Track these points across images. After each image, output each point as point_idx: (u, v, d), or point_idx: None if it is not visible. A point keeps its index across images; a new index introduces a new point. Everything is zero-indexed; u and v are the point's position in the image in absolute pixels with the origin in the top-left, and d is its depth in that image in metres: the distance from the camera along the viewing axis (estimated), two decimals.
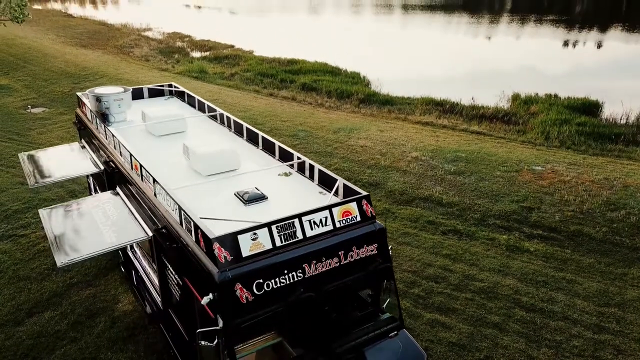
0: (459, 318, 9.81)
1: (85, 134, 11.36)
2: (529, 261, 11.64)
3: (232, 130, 10.27)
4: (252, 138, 9.62)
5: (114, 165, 9.18)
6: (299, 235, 6.25)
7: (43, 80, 27.34)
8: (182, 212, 6.50)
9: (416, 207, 13.98)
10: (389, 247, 7.08)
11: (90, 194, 11.95)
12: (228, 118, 10.32)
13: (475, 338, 9.27)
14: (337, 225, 6.55)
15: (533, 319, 9.78)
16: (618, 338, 9.32)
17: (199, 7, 78.90)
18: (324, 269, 6.30)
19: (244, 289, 5.76)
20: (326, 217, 6.49)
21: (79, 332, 9.32)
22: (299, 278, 6.11)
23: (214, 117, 10.95)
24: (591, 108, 23.30)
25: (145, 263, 8.83)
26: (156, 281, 8.13)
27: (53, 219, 7.88)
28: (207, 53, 37.24)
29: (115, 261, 11.28)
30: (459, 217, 13.45)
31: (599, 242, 12.27)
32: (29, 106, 22.99)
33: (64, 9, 68.62)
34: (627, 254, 11.85)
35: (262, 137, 9.23)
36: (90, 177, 11.59)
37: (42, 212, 8.19)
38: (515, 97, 25.00)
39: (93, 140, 10.64)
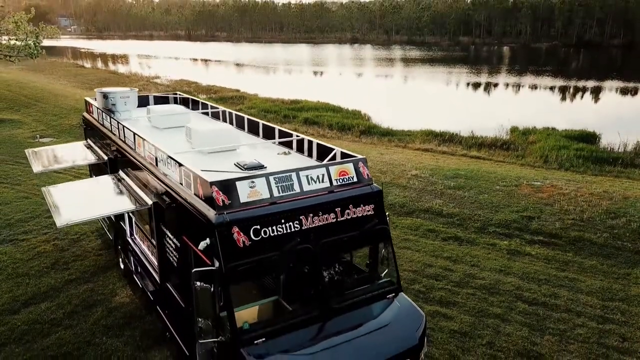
0: (460, 310, 9.65)
1: (90, 134, 11.67)
2: (530, 263, 11.55)
3: (235, 126, 10.56)
4: (254, 130, 9.88)
5: (117, 152, 9.40)
6: (296, 189, 6.36)
7: (52, 115, 28.12)
8: (182, 169, 6.65)
9: (416, 218, 14.00)
10: (387, 214, 7.17)
11: None
12: (230, 114, 10.64)
13: (477, 327, 9.09)
14: (334, 183, 6.66)
15: (536, 311, 9.61)
16: (623, 327, 9.12)
17: (206, 61, 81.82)
18: (320, 223, 6.36)
19: (241, 233, 5.82)
20: (323, 175, 6.62)
21: (75, 320, 9.20)
22: (295, 229, 6.17)
23: (216, 116, 11.27)
24: (589, 138, 23.71)
25: (144, 247, 8.86)
26: (155, 261, 8.15)
27: (55, 193, 8.02)
28: (213, 95, 38.32)
29: (115, 260, 11.27)
30: (459, 226, 13.45)
31: (601, 247, 12.19)
32: (38, 136, 23.55)
33: (77, 61, 71.29)
34: (630, 257, 11.75)
35: (263, 125, 9.50)
36: (93, 175, 11.78)
37: (44, 189, 8.34)
38: (514, 130, 25.49)
39: (98, 136, 10.92)
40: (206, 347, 7.03)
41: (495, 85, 51.51)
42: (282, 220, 6.10)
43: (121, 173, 9.24)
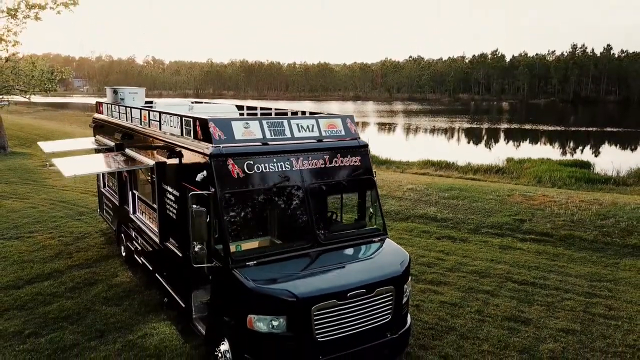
0: (451, 288, 9.89)
1: (98, 131, 12.35)
2: (521, 254, 11.83)
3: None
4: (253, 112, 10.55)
5: (123, 134, 10.03)
6: (287, 134, 6.94)
7: None
8: (183, 119, 7.24)
9: (411, 222, 14.37)
10: (374, 172, 7.71)
11: (99, 184, 12.65)
12: (232, 105, 11.36)
13: (467, 299, 9.31)
14: (323, 134, 7.23)
15: (525, 289, 9.83)
16: (610, 300, 9.32)
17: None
18: (309, 167, 6.87)
19: (236, 166, 6.33)
20: (313, 125, 7.20)
21: (76, 293, 9.49)
22: (286, 168, 6.67)
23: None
24: (582, 165, 24.29)
25: (146, 219, 9.31)
26: (156, 227, 8.58)
27: (65, 160, 8.58)
28: None
29: (117, 251, 11.65)
30: (453, 228, 13.79)
31: (591, 242, 12.48)
32: (47, 163, 24.32)
33: (87, 112, 73.71)
34: (619, 250, 12.02)
35: (260, 107, 10.18)
36: None
37: (55, 160, 8.92)
38: (509, 160, 26.17)
39: (106, 129, 11.58)
40: (200, 299, 7.40)
41: (495, 130, 52.79)
42: (274, 160, 6.62)
43: (127, 150, 9.83)
